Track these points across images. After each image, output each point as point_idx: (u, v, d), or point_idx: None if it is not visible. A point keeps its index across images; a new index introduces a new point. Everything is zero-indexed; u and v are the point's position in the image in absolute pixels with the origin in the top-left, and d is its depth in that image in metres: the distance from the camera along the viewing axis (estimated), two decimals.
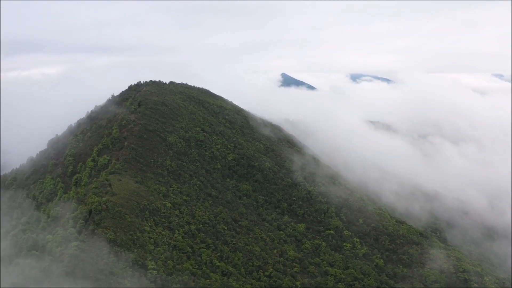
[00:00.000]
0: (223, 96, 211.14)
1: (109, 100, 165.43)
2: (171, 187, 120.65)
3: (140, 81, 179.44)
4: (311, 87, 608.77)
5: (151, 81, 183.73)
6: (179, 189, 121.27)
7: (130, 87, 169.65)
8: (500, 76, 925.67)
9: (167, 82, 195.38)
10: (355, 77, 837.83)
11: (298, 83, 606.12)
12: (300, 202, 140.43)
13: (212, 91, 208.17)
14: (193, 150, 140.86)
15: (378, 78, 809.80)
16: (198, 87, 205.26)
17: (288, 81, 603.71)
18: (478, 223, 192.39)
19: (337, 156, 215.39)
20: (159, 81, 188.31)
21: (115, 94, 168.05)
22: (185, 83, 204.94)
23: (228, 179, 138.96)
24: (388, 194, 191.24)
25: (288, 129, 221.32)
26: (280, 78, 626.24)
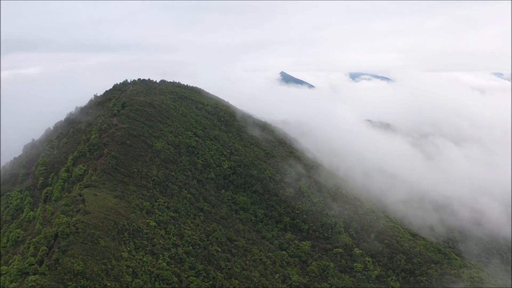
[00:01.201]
0: (220, 96, 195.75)
1: (91, 101, 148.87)
2: (156, 201, 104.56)
3: (126, 80, 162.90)
4: (310, 86, 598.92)
5: (139, 79, 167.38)
6: (165, 204, 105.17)
7: (115, 86, 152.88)
8: (500, 75, 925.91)
9: (158, 81, 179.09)
10: (354, 76, 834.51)
11: (297, 82, 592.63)
12: (305, 216, 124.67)
13: (209, 90, 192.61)
14: (183, 157, 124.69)
15: (377, 77, 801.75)
16: (192, 86, 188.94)
17: (287, 80, 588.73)
18: (493, 233, 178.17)
19: (339, 159, 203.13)
20: (149, 79, 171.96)
21: (99, 94, 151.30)
22: (177, 81, 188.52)
23: (223, 191, 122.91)
24: (395, 201, 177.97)
25: (287, 130, 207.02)
26: (279, 77, 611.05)
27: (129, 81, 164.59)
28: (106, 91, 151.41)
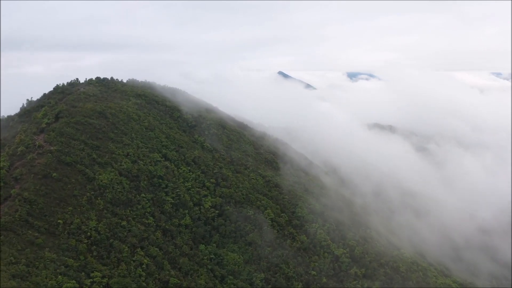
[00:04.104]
0: (213, 98, 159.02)
1: (23, 108, 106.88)
2: (89, 277, 63.43)
3: (77, 79, 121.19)
4: (307, 86, 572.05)
5: (97, 78, 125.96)
6: (105, 281, 64.06)
7: (57, 88, 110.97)
8: (499, 74, 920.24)
9: (126, 80, 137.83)
10: (352, 76, 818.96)
11: (294, 82, 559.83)
12: (324, 280, 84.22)
13: (202, 91, 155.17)
14: (143, 195, 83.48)
15: (375, 77, 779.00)
16: (170, 87, 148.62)
17: (284, 79, 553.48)
18: None
19: (345, 172, 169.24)
20: (111, 78, 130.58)
21: (34, 99, 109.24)
22: (153, 81, 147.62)
23: (202, 246, 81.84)
24: (429, 238, 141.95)
25: (288, 139, 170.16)
26: (276, 76, 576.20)
27: (82, 80, 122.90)
28: (44, 94, 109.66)
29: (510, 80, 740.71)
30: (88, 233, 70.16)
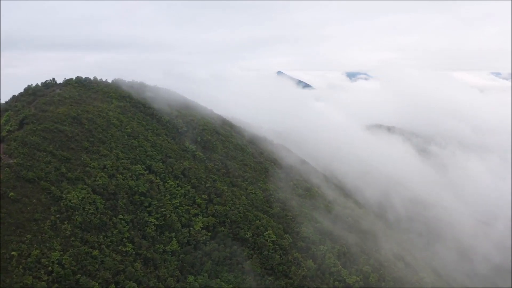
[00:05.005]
0: (210, 98, 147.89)
1: None
2: None
3: (53, 79, 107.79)
4: (306, 86, 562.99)
5: (77, 77, 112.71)
6: None
7: (28, 90, 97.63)
8: (498, 74, 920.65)
9: (111, 80, 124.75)
10: (351, 75, 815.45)
11: (293, 82, 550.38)
12: None
13: (198, 92, 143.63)
14: (121, 217, 70.48)
15: (374, 77, 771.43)
16: (161, 88, 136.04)
17: (283, 79, 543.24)
18: None
19: (353, 180, 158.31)
20: (94, 78, 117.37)
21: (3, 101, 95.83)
22: (140, 81, 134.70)
23: (191, 277, 68.93)
24: (441, 249, 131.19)
25: (284, 141, 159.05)
26: (276, 76, 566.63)
27: (59, 81, 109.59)
28: (14, 96, 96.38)
29: (510, 80, 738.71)
30: (49, 268, 57.12)
